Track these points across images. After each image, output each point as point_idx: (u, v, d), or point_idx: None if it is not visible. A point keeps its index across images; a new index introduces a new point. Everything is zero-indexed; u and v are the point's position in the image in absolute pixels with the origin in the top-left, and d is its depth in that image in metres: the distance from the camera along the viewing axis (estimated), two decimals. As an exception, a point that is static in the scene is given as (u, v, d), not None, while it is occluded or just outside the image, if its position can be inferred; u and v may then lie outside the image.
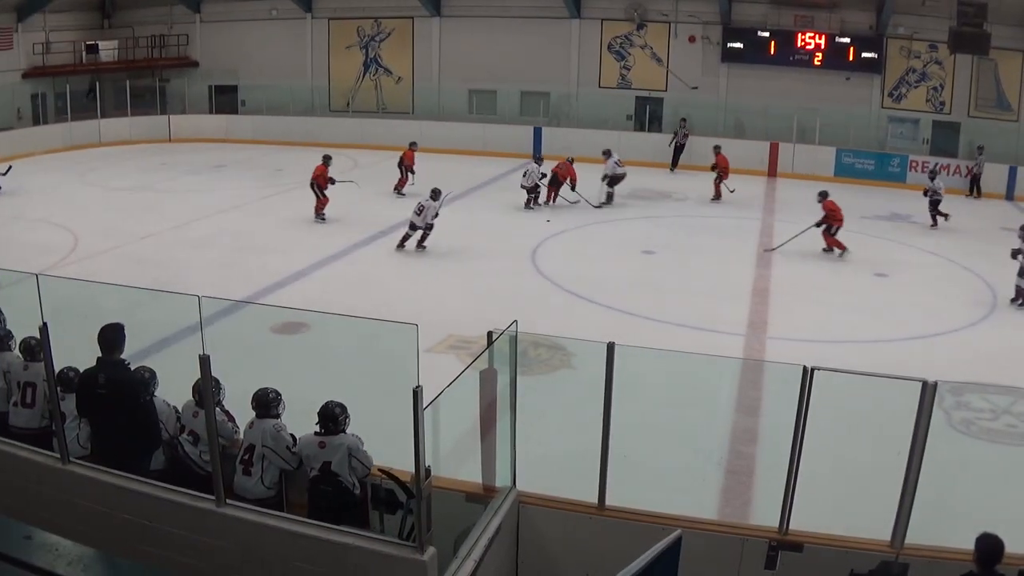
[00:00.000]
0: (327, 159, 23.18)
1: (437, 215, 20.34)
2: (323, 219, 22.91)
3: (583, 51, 35.97)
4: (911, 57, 33.38)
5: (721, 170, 27.56)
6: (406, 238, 20.45)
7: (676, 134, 33.07)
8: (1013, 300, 17.87)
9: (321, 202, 22.95)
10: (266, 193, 25.01)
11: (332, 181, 22.79)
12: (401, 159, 27.12)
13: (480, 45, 36.41)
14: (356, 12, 38.17)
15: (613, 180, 26.25)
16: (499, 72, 36.32)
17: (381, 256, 20.33)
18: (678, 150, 32.76)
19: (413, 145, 27.53)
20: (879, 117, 33.84)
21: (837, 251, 20.85)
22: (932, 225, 25.40)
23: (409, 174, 26.89)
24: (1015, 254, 17.58)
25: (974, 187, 30.78)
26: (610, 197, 26.27)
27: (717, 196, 27.72)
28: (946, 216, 25.50)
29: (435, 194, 20.40)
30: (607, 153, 26.46)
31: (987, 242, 24.04)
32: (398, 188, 26.81)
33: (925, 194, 25.67)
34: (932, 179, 26.13)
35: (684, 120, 33.45)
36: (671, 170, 32.53)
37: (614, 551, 6.33)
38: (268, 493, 7.52)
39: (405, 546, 6.41)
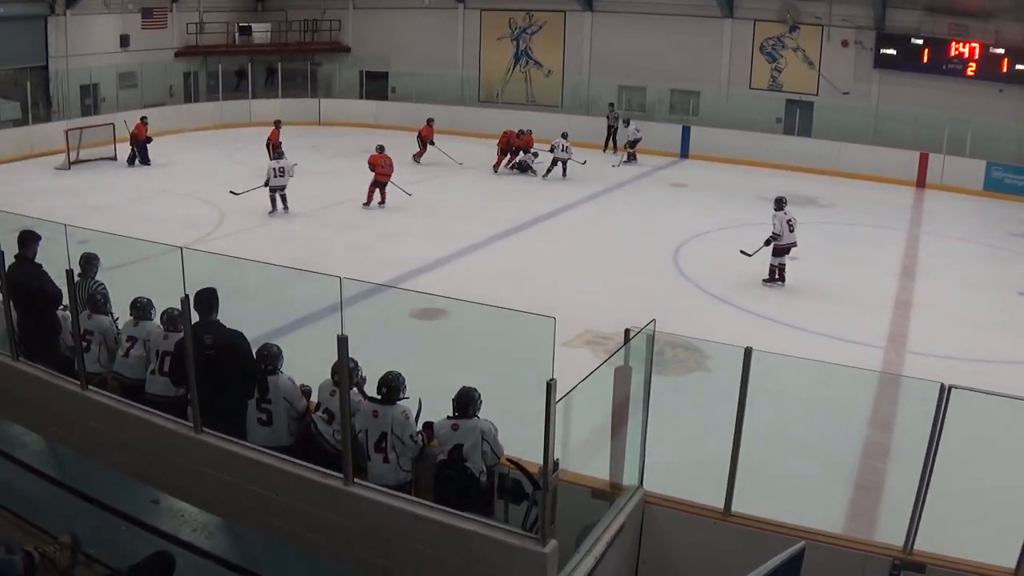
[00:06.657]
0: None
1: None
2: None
3: (734, 51, 35.25)
4: (1069, 70, 32.02)
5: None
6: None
7: (608, 117, 34.63)
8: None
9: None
10: (409, 180, 25.24)
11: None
12: (419, 133, 30.84)
13: (631, 41, 36.13)
14: (509, 4, 38.34)
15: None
16: (649, 69, 35.96)
17: (522, 247, 20.41)
18: (610, 131, 34.30)
19: (431, 121, 31.22)
20: (1035, 131, 32.54)
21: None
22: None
23: (429, 145, 30.47)
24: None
25: None
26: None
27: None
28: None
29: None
30: (626, 122, 32.65)
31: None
32: (416, 157, 30.38)
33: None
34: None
35: (612, 104, 35.35)
36: (604, 151, 33.89)
37: (736, 558, 6.29)
38: (407, 477, 7.52)
39: (528, 537, 6.36)
